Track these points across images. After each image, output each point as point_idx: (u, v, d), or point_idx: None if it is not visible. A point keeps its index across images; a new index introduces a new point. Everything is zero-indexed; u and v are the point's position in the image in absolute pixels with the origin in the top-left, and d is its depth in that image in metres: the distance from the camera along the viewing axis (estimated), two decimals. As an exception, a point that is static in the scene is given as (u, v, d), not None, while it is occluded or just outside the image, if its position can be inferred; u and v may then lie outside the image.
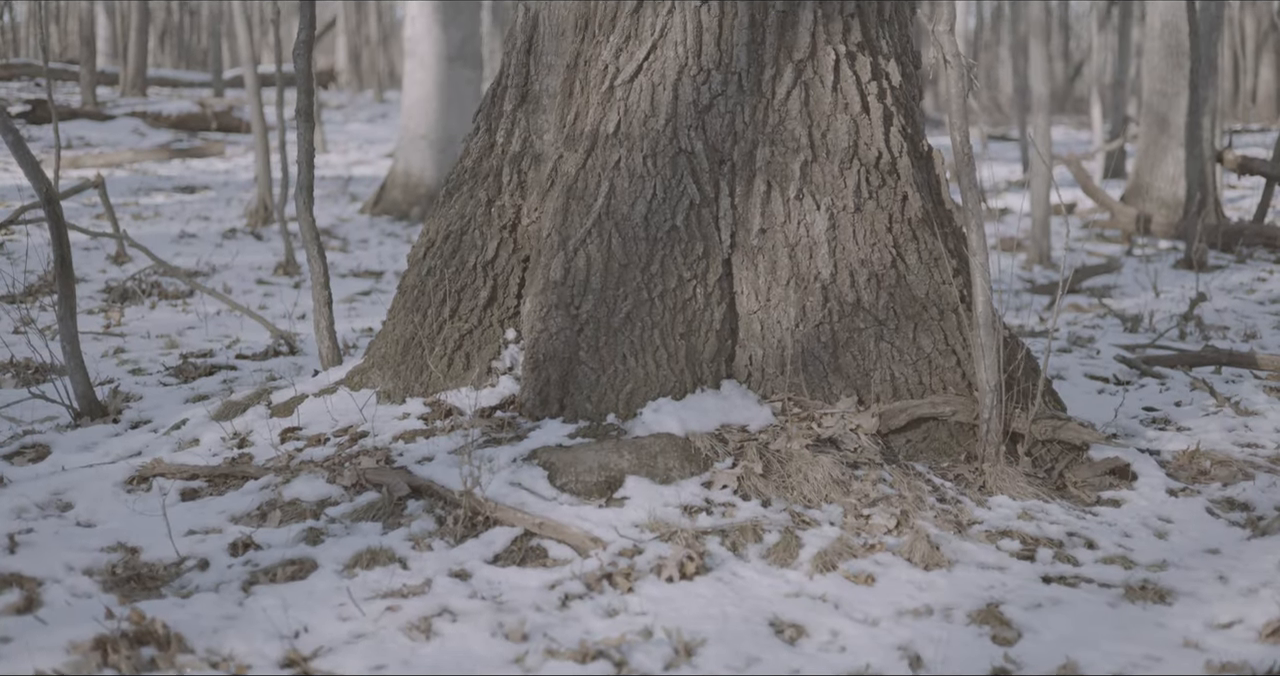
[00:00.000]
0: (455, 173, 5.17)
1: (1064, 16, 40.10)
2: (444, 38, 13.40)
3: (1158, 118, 13.64)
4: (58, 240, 5.32)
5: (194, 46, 44.54)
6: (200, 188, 15.23)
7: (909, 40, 4.96)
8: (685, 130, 4.59)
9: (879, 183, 4.63)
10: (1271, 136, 24.37)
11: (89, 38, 22.65)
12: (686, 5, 4.62)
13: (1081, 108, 40.34)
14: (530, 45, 5.10)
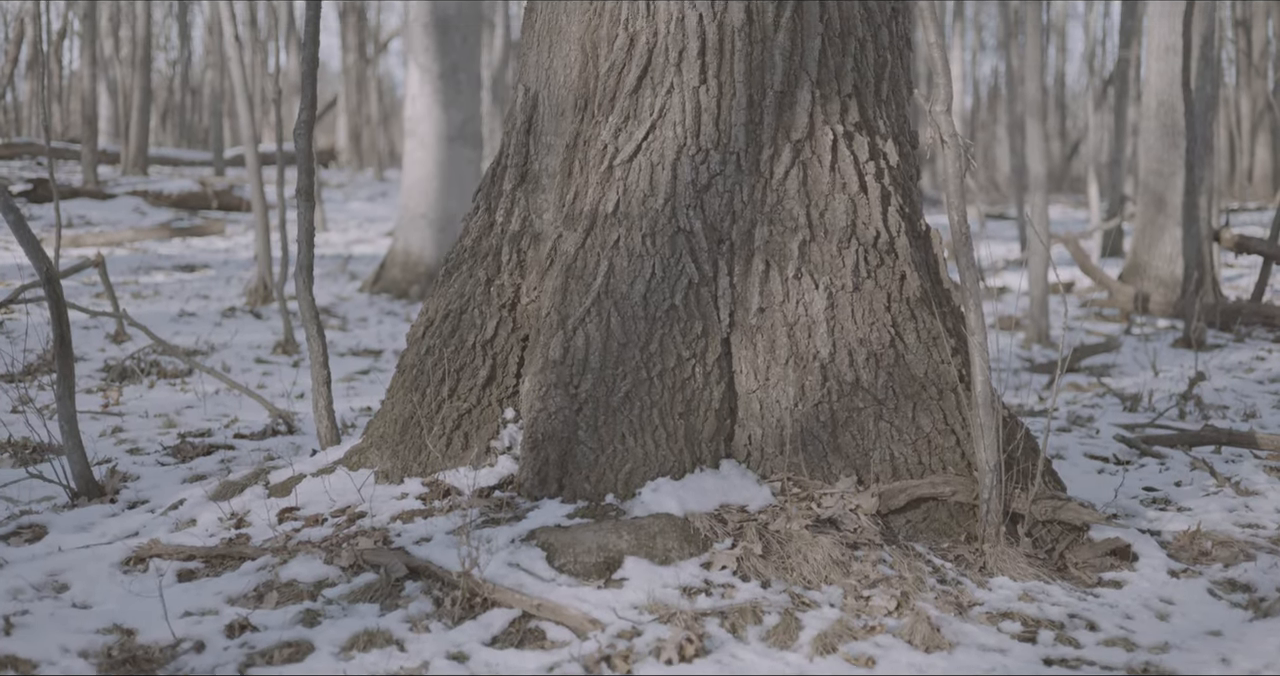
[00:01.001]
0: (455, 252, 5.18)
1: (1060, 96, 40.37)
2: (444, 118, 13.47)
3: (1155, 197, 13.69)
4: (57, 319, 5.32)
5: (195, 126, 44.80)
6: (200, 266, 15.26)
7: (906, 120, 4.99)
8: (684, 210, 4.60)
9: (877, 262, 4.64)
10: (1268, 215, 24.47)
11: (91, 117, 22.78)
12: (685, 86, 4.65)
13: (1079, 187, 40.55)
14: (530, 125, 5.13)
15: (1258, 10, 31.30)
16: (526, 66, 5.22)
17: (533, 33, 5.20)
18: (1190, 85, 11.96)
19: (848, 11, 4.75)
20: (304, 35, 5.65)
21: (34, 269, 5.36)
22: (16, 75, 31.91)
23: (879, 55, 4.84)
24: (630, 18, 4.78)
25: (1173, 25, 13.12)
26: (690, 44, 4.65)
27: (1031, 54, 10.99)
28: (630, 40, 4.77)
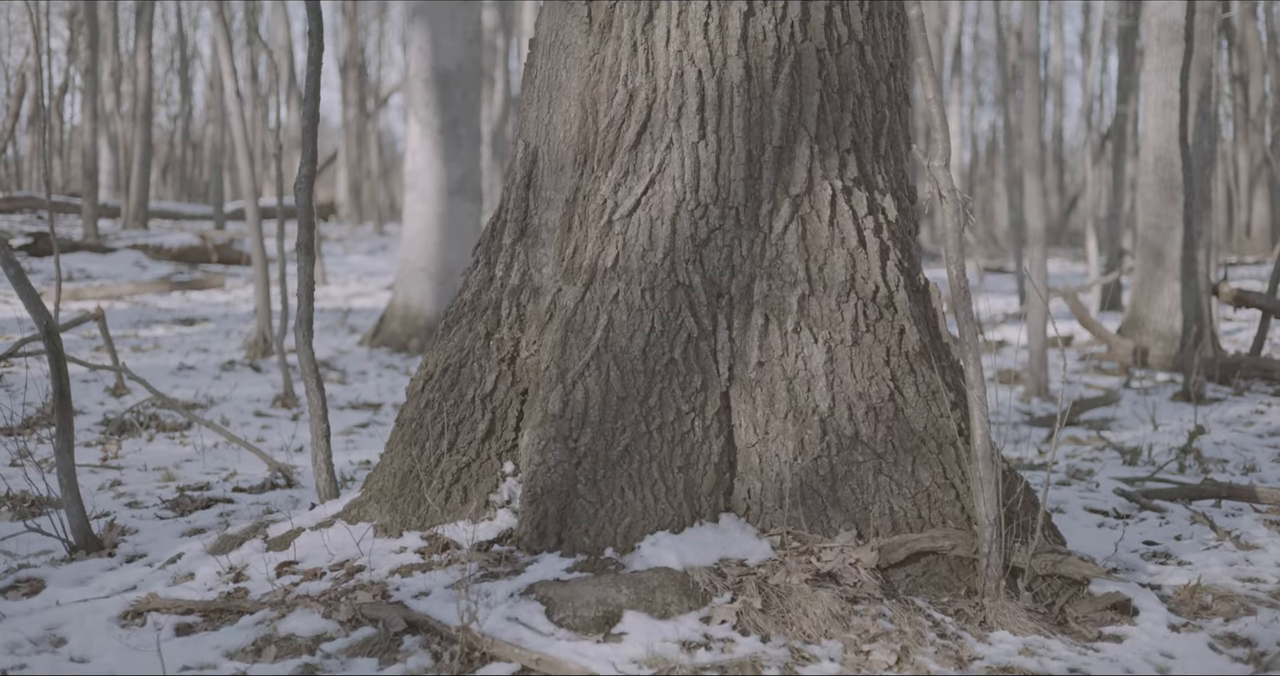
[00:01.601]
0: (454, 305, 5.19)
1: (1058, 151, 40.52)
2: (444, 172, 13.53)
3: (1153, 251, 13.73)
4: (57, 373, 5.33)
5: (196, 180, 44.95)
6: (200, 320, 15.27)
7: (905, 175, 5.01)
8: (683, 264, 4.62)
9: (876, 316, 4.65)
10: (1266, 269, 24.52)
11: (92, 171, 22.86)
12: (684, 141, 4.67)
13: (1077, 241, 40.65)
14: (530, 180, 5.15)
15: (1254, 66, 31.46)
16: (526, 122, 5.24)
17: (532, 88, 5.23)
18: (1188, 140, 12.01)
19: (846, 68, 4.78)
20: (305, 90, 5.68)
21: (34, 322, 5.37)
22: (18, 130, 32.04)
23: (877, 111, 4.87)
24: (629, 74, 4.81)
25: (1170, 81, 13.19)
26: (689, 100, 4.68)
27: (1029, 109, 11.05)
28: (630, 96, 4.80)
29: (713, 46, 4.71)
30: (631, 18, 4.84)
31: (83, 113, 23.71)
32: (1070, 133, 49.79)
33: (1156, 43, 13.45)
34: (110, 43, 28.88)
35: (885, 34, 4.94)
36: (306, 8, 5.73)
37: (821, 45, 4.74)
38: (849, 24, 4.81)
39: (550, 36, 5.20)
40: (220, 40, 11.25)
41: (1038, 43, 11.61)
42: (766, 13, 4.71)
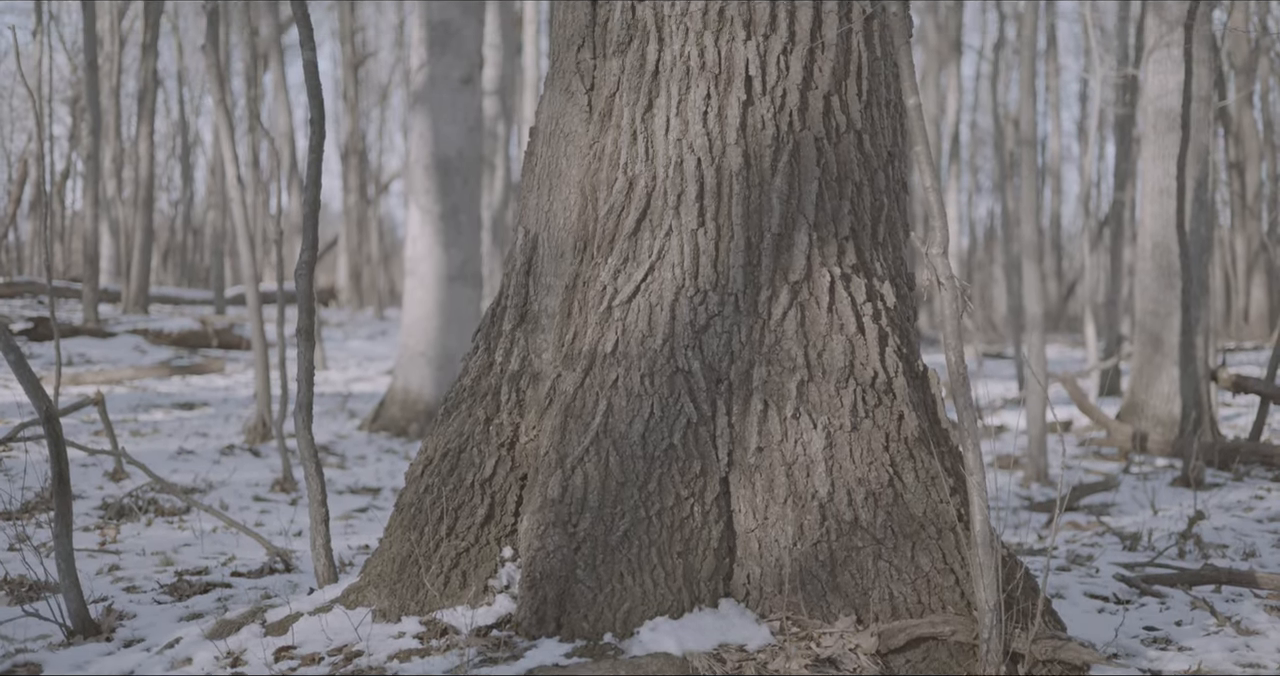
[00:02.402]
0: (454, 391, 5.21)
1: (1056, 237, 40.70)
2: (445, 258, 13.58)
3: (1151, 337, 13.77)
4: (56, 458, 5.34)
5: (197, 265, 45.10)
6: (199, 404, 15.28)
7: (903, 262, 5.05)
8: (682, 350, 4.64)
9: (875, 402, 4.67)
10: (1264, 355, 24.55)
11: (93, 257, 22.94)
12: (684, 228, 4.71)
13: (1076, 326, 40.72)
14: (530, 267, 5.19)
15: (1251, 153, 31.66)
16: (526, 209, 5.29)
17: (533, 176, 5.28)
18: (1185, 227, 12.08)
19: (844, 156, 4.83)
20: (306, 178, 5.73)
21: (34, 407, 5.38)
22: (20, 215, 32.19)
23: (875, 199, 4.91)
24: (629, 162, 4.86)
25: (1167, 168, 13.28)
26: (689, 188, 4.73)
27: (1027, 196, 11.12)
28: (629, 184, 4.84)
29: (712, 135, 4.76)
30: (631, 106, 4.90)
31: (84, 198, 23.82)
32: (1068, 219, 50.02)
33: (1153, 131, 13.56)
34: (112, 129, 29.09)
35: (883, 123, 4.99)
36: (309, 96, 5.79)
37: (820, 134, 4.80)
38: (847, 113, 4.86)
39: (550, 125, 5.25)
40: (222, 127, 11.34)
41: (1035, 130, 11.70)
42: (765, 102, 4.76)
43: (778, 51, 4.79)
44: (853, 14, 4.89)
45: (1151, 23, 13.63)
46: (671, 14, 4.87)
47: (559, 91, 5.24)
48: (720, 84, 4.79)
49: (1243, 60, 29.00)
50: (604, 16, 5.10)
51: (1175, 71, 13.11)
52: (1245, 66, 29.30)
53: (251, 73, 24.44)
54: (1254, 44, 28.57)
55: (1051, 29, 25.93)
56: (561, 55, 5.25)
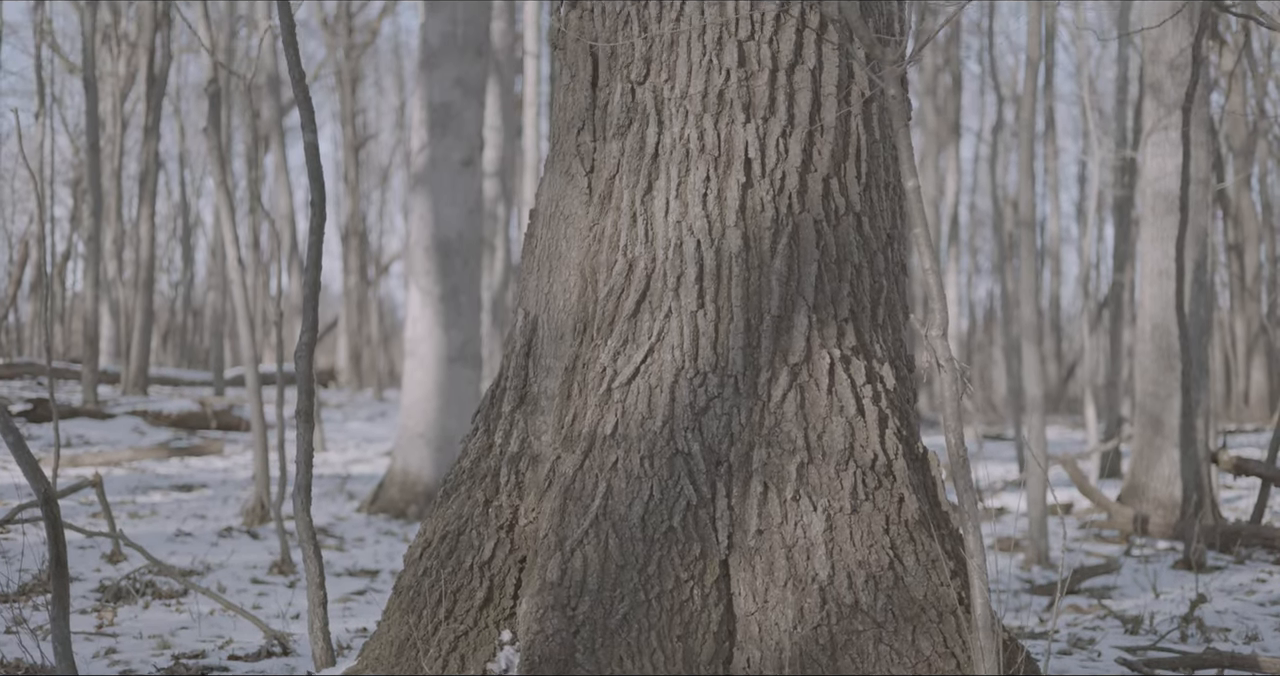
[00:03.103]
0: (453, 473, 5.20)
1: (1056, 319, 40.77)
2: (444, 339, 13.59)
3: (1151, 419, 13.75)
4: (54, 540, 5.31)
5: (197, 346, 45.15)
6: (198, 486, 15.23)
7: (903, 344, 5.05)
8: (682, 432, 4.64)
9: (875, 484, 4.66)
10: (1265, 437, 24.51)
11: (93, 338, 22.96)
12: (683, 310, 4.72)
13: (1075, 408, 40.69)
14: (529, 348, 5.19)
15: (1250, 235, 31.77)
16: (526, 291, 5.30)
17: (532, 258, 5.29)
18: (1184, 309, 12.09)
19: (844, 238, 4.84)
20: (307, 259, 5.74)
21: (32, 489, 5.36)
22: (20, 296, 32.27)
23: (875, 281, 4.92)
24: (629, 244, 4.87)
25: (1166, 250, 13.33)
26: (688, 270, 4.74)
27: (1026, 277, 11.14)
28: (629, 266, 4.86)
29: (711, 217, 4.78)
30: (631, 189, 4.92)
31: (85, 280, 23.89)
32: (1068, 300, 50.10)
33: (1152, 213, 13.61)
34: (114, 211, 29.22)
35: (882, 205, 5.01)
36: (310, 178, 5.81)
37: (819, 216, 4.81)
38: (846, 196, 4.88)
39: (550, 207, 5.27)
40: (223, 209, 11.38)
41: (1034, 212, 11.74)
42: (764, 184, 4.79)
43: (777, 134, 4.82)
44: (851, 97, 4.92)
45: (1149, 106, 13.72)
46: (671, 97, 4.91)
47: (559, 174, 5.27)
48: (720, 166, 4.82)
49: (1241, 143, 29.16)
50: (604, 99, 5.14)
51: (1173, 154, 13.18)
52: (1243, 149, 29.45)
53: (253, 154, 24.57)
54: (1252, 127, 28.75)
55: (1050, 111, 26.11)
56: (562, 138, 5.28)
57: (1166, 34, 13.04)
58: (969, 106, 45.91)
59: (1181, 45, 12.96)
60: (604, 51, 5.15)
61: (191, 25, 12.86)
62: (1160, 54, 13.30)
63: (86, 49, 21.95)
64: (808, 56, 4.90)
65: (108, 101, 28.88)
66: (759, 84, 4.84)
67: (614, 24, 5.10)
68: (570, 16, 5.28)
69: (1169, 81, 13.19)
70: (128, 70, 28.61)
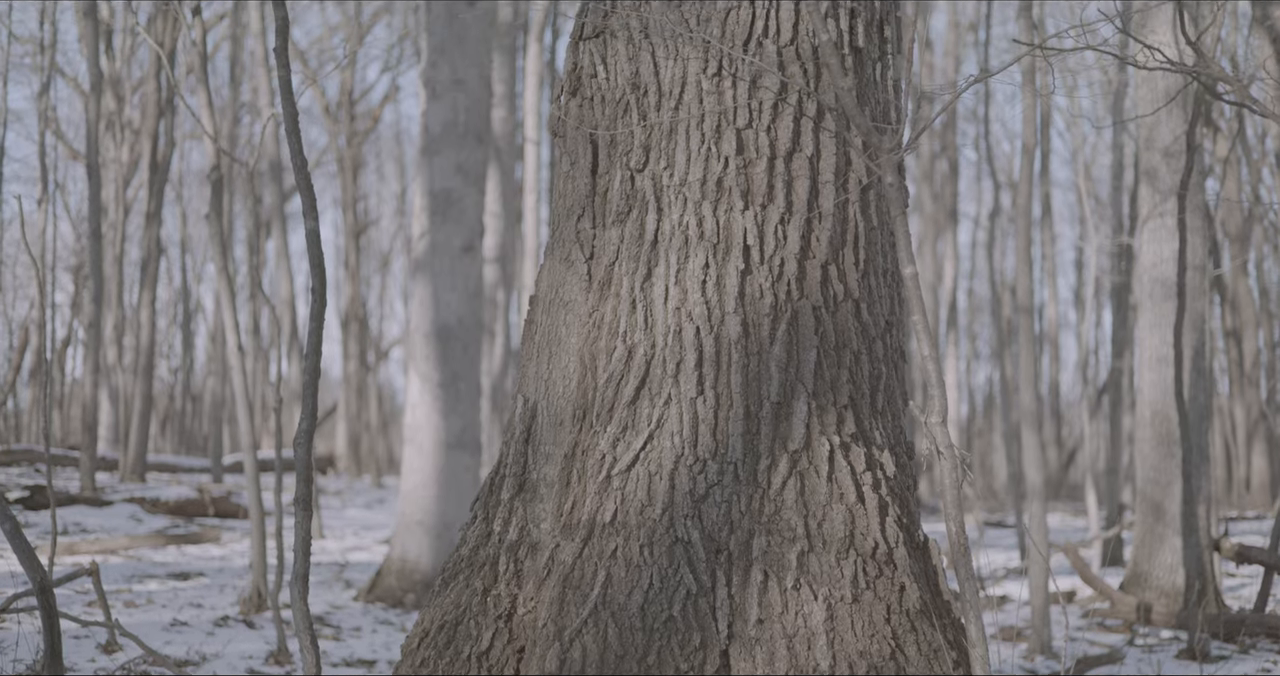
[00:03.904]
0: (452, 561, 5.16)
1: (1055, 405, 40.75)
2: (443, 426, 13.56)
3: (1152, 506, 13.69)
4: (49, 630, 5.27)
5: (195, 432, 45.09)
6: (195, 574, 15.15)
7: (902, 431, 5.04)
8: (682, 520, 4.61)
9: (876, 573, 4.62)
10: (1267, 524, 24.43)
11: (91, 424, 22.92)
12: (683, 397, 4.70)
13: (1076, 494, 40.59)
14: (529, 435, 5.17)
15: (1248, 321, 31.83)
16: (526, 377, 5.29)
17: (532, 344, 5.29)
18: (1184, 395, 12.08)
19: (842, 325, 4.84)
20: (307, 346, 5.74)
21: (28, 577, 5.32)
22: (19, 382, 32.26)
23: (874, 367, 4.91)
24: (628, 330, 4.87)
25: (1164, 337, 13.33)
26: (687, 356, 4.73)
27: (1025, 364, 11.14)
28: (628, 352, 4.85)
29: (710, 304, 4.77)
30: (630, 275, 4.92)
31: (84, 366, 23.87)
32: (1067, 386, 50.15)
33: (1149, 299, 13.63)
34: (115, 297, 29.27)
35: (881, 292, 5.01)
36: (311, 266, 5.82)
37: (818, 303, 4.81)
38: (845, 282, 4.89)
39: (550, 293, 5.27)
40: (224, 295, 11.39)
41: (1032, 298, 11.76)
42: (763, 271, 4.79)
43: (775, 221, 4.83)
44: (849, 184, 4.94)
45: (1145, 192, 13.78)
46: (670, 184, 4.92)
47: (559, 260, 5.27)
48: (719, 253, 4.82)
49: (1236, 229, 29.29)
50: (603, 187, 5.16)
51: (1169, 240, 13.22)
52: (1239, 235, 29.57)
53: (254, 240, 24.65)
54: (1247, 213, 28.89)
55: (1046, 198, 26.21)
56: (561, 224, 5.29)
57: (1161, 121, 13.12)
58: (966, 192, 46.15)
59: (1176, 132, 13.04)
60: (604, 140, 5.18)
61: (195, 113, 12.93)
62: (1155, 141, 13.37)
63: (90, 136, 22.08)
64: (805, 144, 4.92)
65: (110, 188, 29.01)
66: (757, 171, 4.86)
67: (614, 112, 5.13)
68: (570, 105, 5.31)
69: (1164, 168, 13.26)
70: (131, 157, 28.77)
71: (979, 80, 4.89)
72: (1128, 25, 12.01)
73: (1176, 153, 13.08)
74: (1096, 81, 25.47)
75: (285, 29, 5.03)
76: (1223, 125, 21.49)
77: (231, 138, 30.33)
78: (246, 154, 31.24)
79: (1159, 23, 12.24)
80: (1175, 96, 11.52)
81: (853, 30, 5.12)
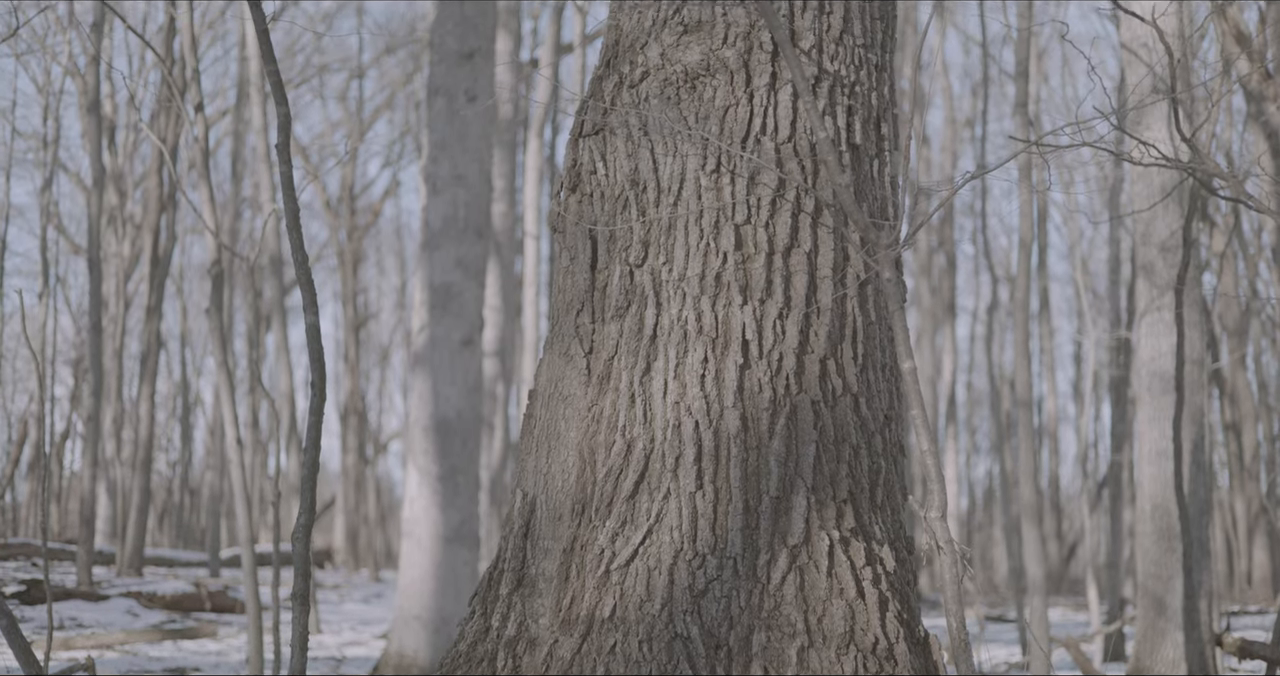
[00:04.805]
0: (450, 656, 5.14)
1: (1055, 498, 40.66)
2: (442, 519, 13.52)
3: (1154, 600, 13.63)
4: (43, 726, 5.23)
5: (193, 525, 44.90)
6: (191, 670, 15.04)
7: (902, 526, 5.04)
8: (681, 615, 4.59)
9: (876, 669, 4.60)
10: (1269, 619, 24.29)
11: (89, 518, 22.85)
12: (682, 491, 4.71)
13: (1078, 588, 40.36)
14: (527, 529, 5.16)
15: (1247, 415, 31.81)
16: (525, 471, 5.29)
17: (531, 438, 5.29)
18: (1184, 489, 12.05)
19: (841, 419, 4.85)
20: (306, 440, 5.74)
21: (23, 673, 5.30)
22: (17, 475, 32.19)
23: (873, 461, 4.92)
24: (627, 424, 4.88)
25: (1163, 430, 13.32)
26: (686, 450, 4.74)
27: (1025, 457, 11.14)
28: (627, 446, 4.86)
29: (709, 398, 4.79)
30: (630, 370, 4.94)
31: (83, 459, 23.82)
32: (1067, 480, 50.04)
33: (1148, 393, 13.64)
34: (114, 390, 29.28)
35: (879, 386, 5.03)
36: (311, 360, 5.83)
37: (817, 397, 4.83)
38: (844, 377, 4.91)
39: (549, 387, 5.29)
40: (223, 389, 11.40)
41: (1031, 392, 11.78)
42: (762, 365, 4.81)
43: (774, 316, 4.86)
44: (847, 279, 4.97)
45: (1142, 286, 13.83)
46: (669, 279, 4.95)
47: (558, 354, 5.29)
48: (718, 347, 4.84)
49: (1234, 322, 29.35)
50: (603, 282, 5.18)
51: (1167, 334, 13.25)
52: (1237, 329, 29.64)
53: (254, 334, 24.70)
54: (1244, 307, 28.97)
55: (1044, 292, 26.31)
56: (561, 319, 5.32)
57: (1157, 217, 13.19)
58: (964, 286, 46.27)
59: (1172, 227, 13.11)
60: (603, 235, 5.21)
61: (197, 208, 13.01)
62: (1151, 236, 13.44)
63: (92, 230, 22.20)
64: (804, 240, 4.96)
65: (111, 281, 29.11)
66: (756, 267, 4.89)
67: (613, 208, 5.18)
68: (570, 201, 5.36)
69: (1161, 263, 13.32)
70: (132, 251, 28.91)
71: (975, 177, 4.94)
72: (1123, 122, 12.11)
73: (1173, 247, 13.15)
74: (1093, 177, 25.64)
75: (287, 126, 5.08)
76: (1219, 220, 21.62)
77: (233, 232, 30.49)
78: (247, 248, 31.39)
79: (1154, 119, 12.34)
80: (1171, 192, 11.61)
81: (850, 127, 5.18)
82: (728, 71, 5.08)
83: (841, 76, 5.16)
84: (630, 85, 5.23)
